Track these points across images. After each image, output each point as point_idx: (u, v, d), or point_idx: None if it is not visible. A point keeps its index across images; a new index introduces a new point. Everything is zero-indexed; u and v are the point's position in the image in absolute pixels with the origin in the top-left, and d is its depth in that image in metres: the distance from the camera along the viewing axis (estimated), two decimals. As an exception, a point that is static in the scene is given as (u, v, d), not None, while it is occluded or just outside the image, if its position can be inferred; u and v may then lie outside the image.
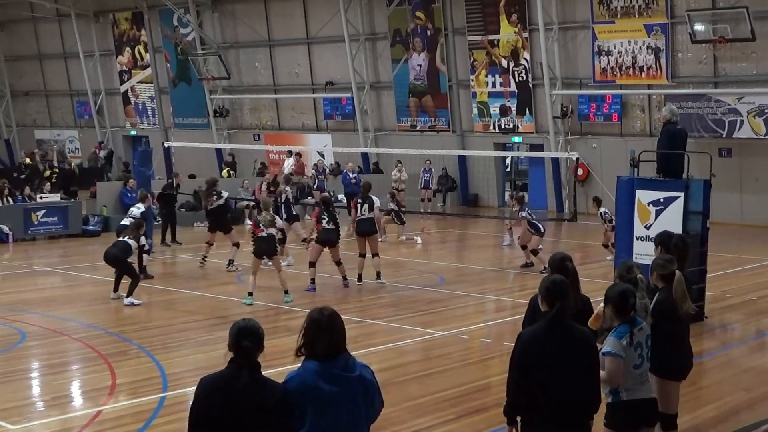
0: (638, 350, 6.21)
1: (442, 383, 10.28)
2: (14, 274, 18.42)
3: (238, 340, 4.79)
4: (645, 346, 6.27)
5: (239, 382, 4.72)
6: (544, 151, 30.62)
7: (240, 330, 4.83)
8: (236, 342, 4.79)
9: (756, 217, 26.62)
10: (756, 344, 13.02)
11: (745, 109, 26.57)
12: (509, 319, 13.84)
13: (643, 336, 6.26)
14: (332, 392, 4.73)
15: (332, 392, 4.73)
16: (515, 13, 30.91)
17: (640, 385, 6.26)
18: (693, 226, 13.34)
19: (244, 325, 4.87)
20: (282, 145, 35.26)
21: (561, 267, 6.82)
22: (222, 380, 4.77)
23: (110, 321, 13.59)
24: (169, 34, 39.66)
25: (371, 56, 34.81)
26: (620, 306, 6.22)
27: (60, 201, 25.04)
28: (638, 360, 6.22)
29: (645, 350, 6.27)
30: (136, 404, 9.47)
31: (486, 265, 19.70)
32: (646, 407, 6.33)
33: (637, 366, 6.23)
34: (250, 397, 4.72)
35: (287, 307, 14.48)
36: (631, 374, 6.19)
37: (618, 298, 6.22)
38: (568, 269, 6.78)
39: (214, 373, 4.85)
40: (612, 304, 6.25)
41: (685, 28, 27.34)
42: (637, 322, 6.25)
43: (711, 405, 9.62)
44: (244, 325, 4.86)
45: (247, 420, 4.70)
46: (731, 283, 16.99)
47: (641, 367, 6.27)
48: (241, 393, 4.71)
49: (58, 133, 46.05)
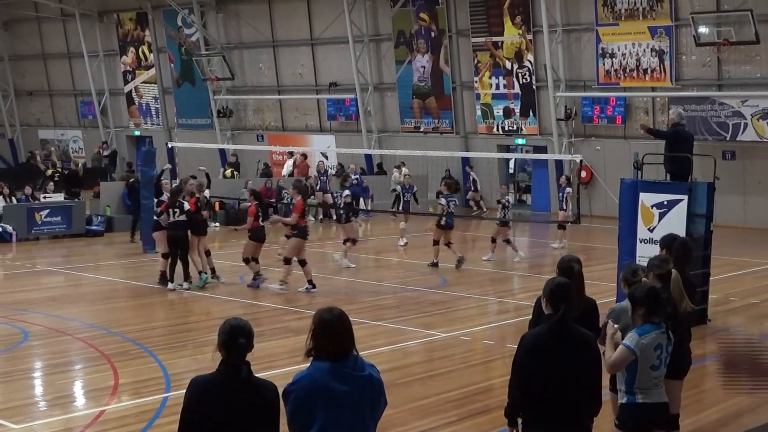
0: (658, 351, 6.18)
1: (445, 385, 10.28)
2: (17, 274, 18.44)
3: (232, 338, 4.77)
4: (665, 350, 6.24)
5: (236, 381, 4.72)
6: (547, 154, 30.60)
7: (233, 328, 4.80)
8: (231, 341, 4.77)
9: (759, 220, 26.60)
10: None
11: (749, 112, 26.55)
12: (512, 321, 13.84)
13: (665, 339, 6.23)
14: (343, 391, 4.72)
15: (343, 391, 4.72)
16: (519, 15, 30.90)
17: (654, 387, 6.24)
18: (696, 229, 13.34)
19: (236, 323, 4.84)
20: (285, 145, 35.29)
21: (567, 268, 6.83)
22: (217, 380, 4.75)
23: (113, 321, 13.58)
24: (173, 34, 39.69)
25: (375, 57, 34.83)
26: (653, 305, 6.20)
27: (63, 201, 25.06)
28: (656, 362, 6.19)
29: (664, 354, 6.24)
30: (138, 404, 9.47)
31: (489, 266, 19.69)
32: (660, 411, 6.32)
33: (655, 368, 6.20)
34: (246, 397, 4.72)
35: (292, 308, 14.49)
36: (647, 375, 6.17)
37: (650, 298, 6.21)
38: (573, 271, 6.78)
39: (208, 374, 4.82)
40: (644, 305, 6.19)
41: (689, 30, 27.34)
42: (662, 325, 6.23)
43: (713, 408, 9.61)
44: (236, 324, 4.84)
45: (243, 420, 4.69)
46: (734, 286, 16.97)
47: (659, 369, 6.24)
48: (237, 393, 4.71)
49: (61, 133, 46.11)
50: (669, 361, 6.97)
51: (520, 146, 32.54)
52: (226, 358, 4.78)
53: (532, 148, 32.23)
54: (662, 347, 6.22)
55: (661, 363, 6.24)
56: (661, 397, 6.35)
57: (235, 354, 4.75)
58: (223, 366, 4.77)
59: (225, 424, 4.68)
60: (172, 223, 15.96)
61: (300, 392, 4.72)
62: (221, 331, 4.82)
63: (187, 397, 4.78)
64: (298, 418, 4.74)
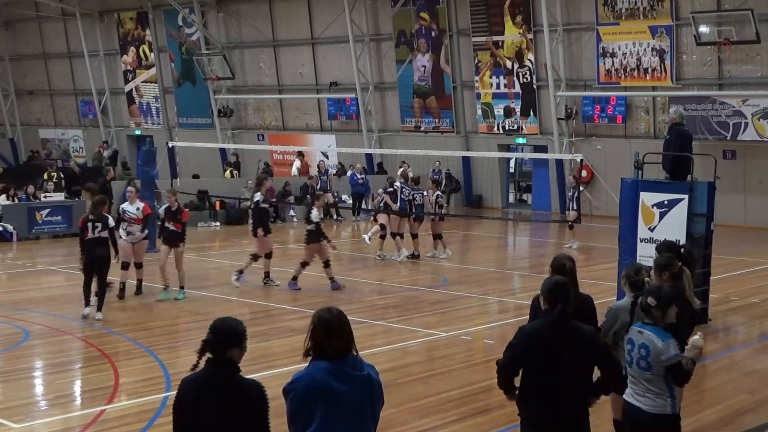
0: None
1: (445, 384, 10.28)
2: (18, 273, 18.45)
3: (214, 338, 4.82)
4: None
5: (225, 380, 4.77)
6: (548, 153, 30.60)
7: (218, 328, 4.86)
8: (213, 340, 4.82)
9: (760, 219, 26.59)
10: (760, 347, 12.99)
11: (749, 111, 26.54)
12: (513, 320, 13.82)
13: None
14: (343, 391, 4.74)
15: (343, 391, 4.74)
16: (520, 15, 30.90)
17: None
18: (697, 229, 13.32)
19: (221, 323, 4.89)
20: (286, 145, 35.29)
21: (559, 266, 6.88)
22: (206, 379, 4.80)
23: (113, 320, 13.58)
24: (173, 33, 39.69)
25: (375, 57, 34.82)
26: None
27: (64, 200, 25.06)
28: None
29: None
30: (139, 404, 9.47)
31: (489, 266, 19.69)
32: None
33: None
34: (235, 396, 4.75)
35: (291, 307, 14.49)
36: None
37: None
38: (565, 268, 6.82)
39: (196, 373, 4.86)
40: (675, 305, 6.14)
41: (689, 30, 27.33)
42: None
43: (714, 408, 9.61)
44: (220, 324, 4.89)
45: (233, 418, 4.72)
46: (735, 286, 16.96)
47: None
48: (226, 391, 4.75)
49: (62, 133, 46.11)
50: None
51: (521, 145, 32.54)
52: (214, 357, 4.82)
53: (532, 148, 32.23)
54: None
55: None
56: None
57: (222, 353, 4.80)
58: (211, 364, 4.82)
59: (217, 423, 4.71)
60: (92, 240, 13.44)
61: (299, 391, 4.74)
62: (210, 330, 4.88)
63: (177, 397, 4.88)
64: (298, 416, 4.76)
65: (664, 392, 5.98)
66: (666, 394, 5.98)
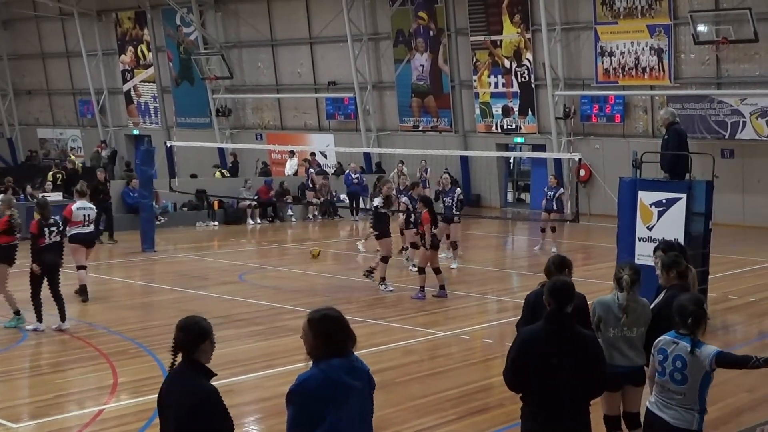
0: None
1: (444, 383, 10.28)
2: (16, 273, 18.34)
3: (189, 336, 4.96)
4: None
5: (199, 380, 4.91)
6: (546, 152, 30.61)
7: (186, 326, 5.03)
8: (189, 340, 4.97)
9: (758, 218, 26.59)
10: (758, 345, 12.98)
11: (747, 110, 26.55)
12: (511, 319, 13.73)
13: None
14: (354, 386, 4.83)
15: (354, 386, 4.83)
16: (518, 14, 30.90)
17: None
18: (695, 228, 13.31)
19: (191, 321, 5.07)
20: (285, 144, 35.29)
21: (559, 263, 6.90)
22: (185, 378, 4.95)
23: (112, 320, 13.58)
24: (171, 33, 39.67)
25: (374, 56, 34.82)
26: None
27: (62, 200, 25.00)
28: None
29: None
30: (137, 403, 9.47)
31: (488, 265, 19.70)
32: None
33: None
34: (185, 397, 4.89)
35: (289, 307, 14.48)
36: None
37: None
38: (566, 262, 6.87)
39: (173, 373, 5.04)
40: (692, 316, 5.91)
41: (688, 29, 27.33)
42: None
43: (713, 406, 9.56)
44: (192, 322, 5.07)
45: (203, 419, 4.82)
46: (733, 285, 16.97)
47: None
48: (190, 391, 4.89)
49: (60, 132, 46.11)
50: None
51: (519, 145, 32.55)
52: (188, 356, 5.00)
53: (530, 147, 32.23)
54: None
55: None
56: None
57: (191, 352, 4.97)
58: (186, 364, 5.02)
59: (191, 424, 4.83)
60: (48, 246, 13.19)
61: (310, 390, 4.75)
62: (181, 331, 5.07)
63: (160, 398, 5.14)
64: (305, 417, 4.74)
65: (695, 406, 5.89)
66: (696, 408, 5.90)
